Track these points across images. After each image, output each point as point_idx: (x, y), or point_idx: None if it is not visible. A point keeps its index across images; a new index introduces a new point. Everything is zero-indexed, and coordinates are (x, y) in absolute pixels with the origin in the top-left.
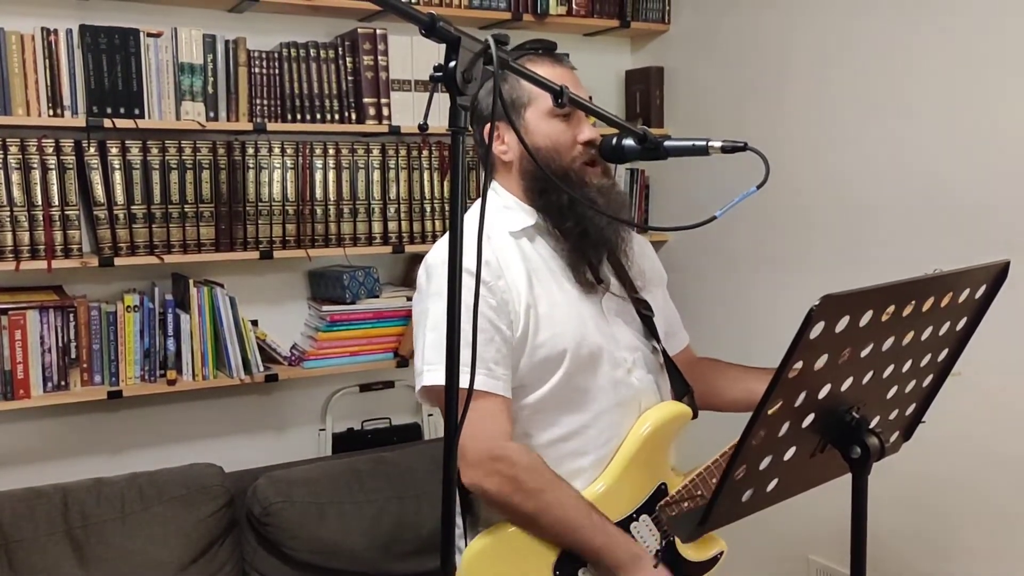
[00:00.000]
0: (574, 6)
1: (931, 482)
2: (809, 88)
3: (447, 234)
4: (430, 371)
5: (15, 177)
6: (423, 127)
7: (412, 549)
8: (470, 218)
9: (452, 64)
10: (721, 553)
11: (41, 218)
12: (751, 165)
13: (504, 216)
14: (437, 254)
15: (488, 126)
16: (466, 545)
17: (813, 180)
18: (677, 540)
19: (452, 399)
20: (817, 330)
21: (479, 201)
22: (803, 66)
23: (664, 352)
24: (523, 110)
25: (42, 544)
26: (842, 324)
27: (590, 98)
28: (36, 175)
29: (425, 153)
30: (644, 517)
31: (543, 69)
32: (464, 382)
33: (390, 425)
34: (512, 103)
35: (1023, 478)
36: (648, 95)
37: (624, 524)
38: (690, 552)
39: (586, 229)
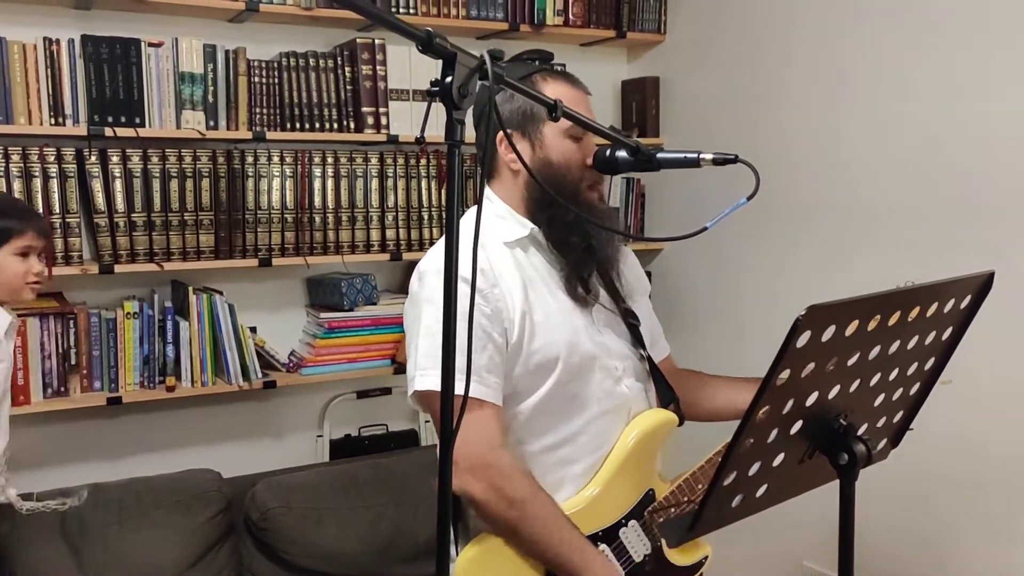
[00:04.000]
0: (571, 16)
1: (924, 486)
2: (804, 97)
3: (441, 240)
4: (422, 376)
5: (17, 185)
6: (419, 140)
7: (409, 555)
8: (465, 226)
9: (448, 79)
10: (706, 557)
11: None
12: (746, 175)
13: (498, 226)
14: (430, 261)
15: (501, 133)
16: (457, 552)
17: (807, 189)
18: (664, 545)
19: (448, 407)
20: (803, 339)
21: (474, 209)
22: (799, 75)
23: (650, 360)
24: (542, 124)
25: (41, 549)
26: (828, 333)
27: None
28: (38, 183)
29: (423, 162)
30: (633, 523)
31: (555, 88)
32: (457, 389)
33: (387, 432)
34: (532, 116)
35: (1015, 481)
36: (644, 105)
37: (614, 530)
38: (677, 557)
39: (591, 245)
